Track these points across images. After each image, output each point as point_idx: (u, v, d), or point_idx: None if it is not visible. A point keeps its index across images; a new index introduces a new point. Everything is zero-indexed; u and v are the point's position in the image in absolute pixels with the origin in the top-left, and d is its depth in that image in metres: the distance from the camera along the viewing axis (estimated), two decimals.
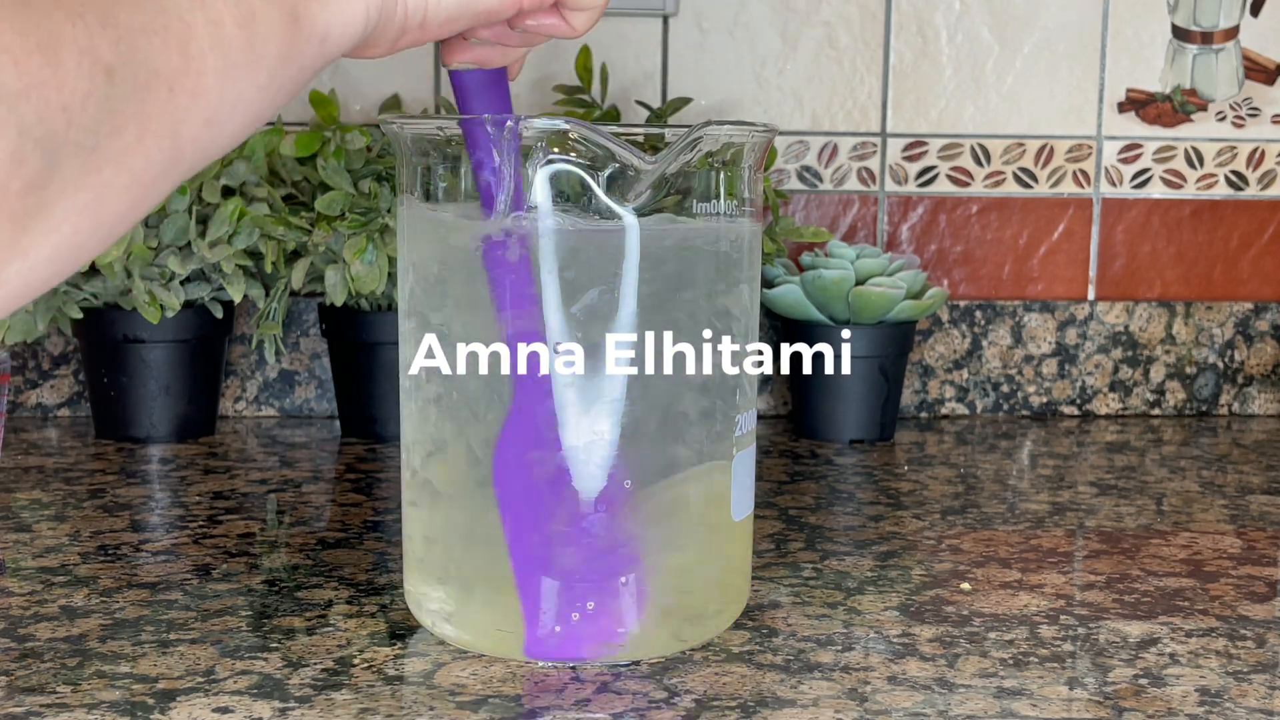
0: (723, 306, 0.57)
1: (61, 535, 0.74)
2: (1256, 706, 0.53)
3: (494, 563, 0.55)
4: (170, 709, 0.51)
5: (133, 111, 0.35)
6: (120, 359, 0.97)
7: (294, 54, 0.41)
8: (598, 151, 0.52)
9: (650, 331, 0.54)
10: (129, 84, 0.35)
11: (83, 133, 0.34)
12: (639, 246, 0.53)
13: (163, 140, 0.37)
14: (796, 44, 1.10)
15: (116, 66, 0.35)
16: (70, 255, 0.36)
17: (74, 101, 0.34)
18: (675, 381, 0.55)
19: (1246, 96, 1.14)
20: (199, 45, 0.37)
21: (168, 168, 0.38)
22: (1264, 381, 1.16)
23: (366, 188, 0.94)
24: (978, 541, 0.75)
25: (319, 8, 0.42)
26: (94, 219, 0.36)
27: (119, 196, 0.36)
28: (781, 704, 0.52)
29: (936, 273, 1.13)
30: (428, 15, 0.47)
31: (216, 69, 0.38)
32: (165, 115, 0.36)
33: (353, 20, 0.43)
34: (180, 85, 0.37)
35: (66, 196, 0.34)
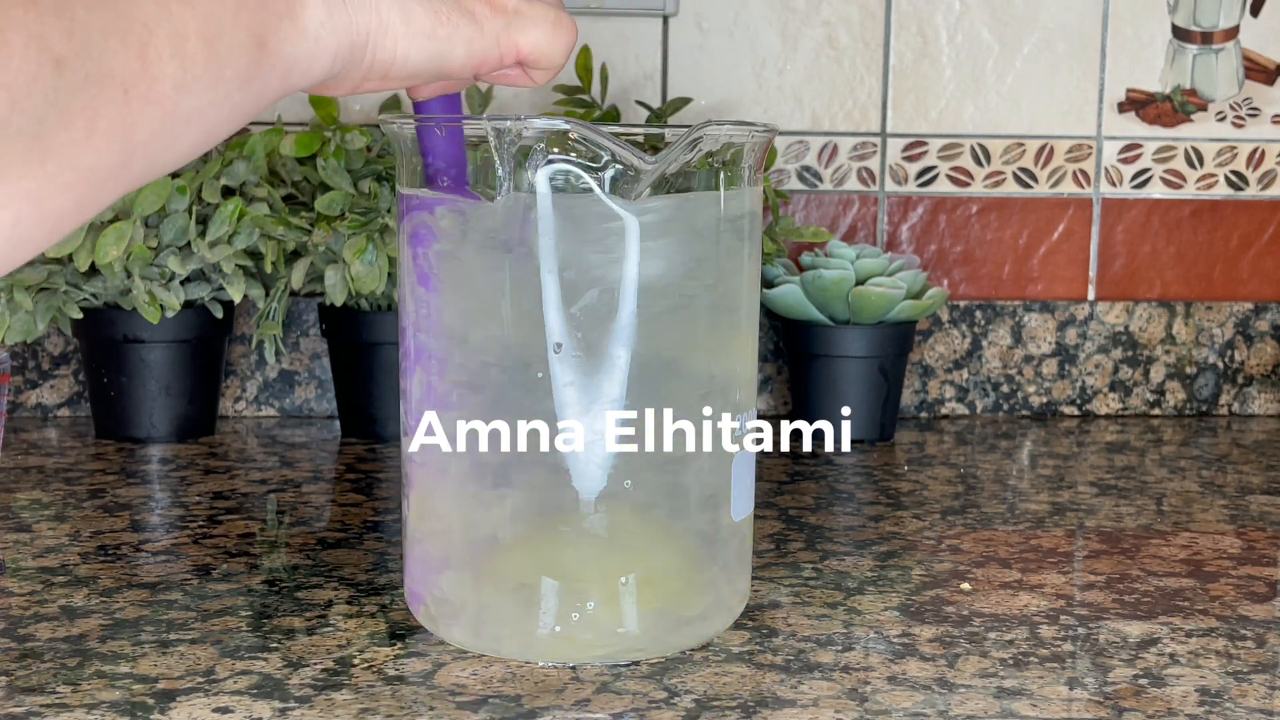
0: (722, 304, 0.57)
1: (61, 535, 0.74)
2: (1256, 706, 0.53)
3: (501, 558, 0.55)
4: (170, 709, 0.51)
5: (82, 107, 0.35)
6: (120, 359, 0.97)
7: (255, 79, 0.41)
8: (598, 151, 0.52)
9: (650, 330, 0.54)
10: (79, 78, 0.35)
11: (26, 118, 0.34)
12: (639, 247, 0.53)
13: (113, 142, 0.37)
14: (796, 44, 1.10)
15: (68, 59, 0.35)
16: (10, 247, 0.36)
17: (18, 84, 0.33)
18: (675, 381, 0.55)
19: (1246, 96, 1.14)
20: (158, 52, 0.37)
21: (117, 170, 0.37)
22: (1264, 381, 1.16)
23: (366, 188, 0.94)
24: (978, 541, 0.75)
25: (288, 41, 0.42)
26: (37, 211, 0.35)
27: (64, 192, 0.36)
28: (781, 704, 0.52)
29: (936, 273, 1.13)
30: (392, 70, 0.47)
31: (175, 79, 0.38)
32: (117, 117, 0.36)
33: (319, 59, 0.44)
34: (135, 89, 0.37)
35: (7, 182, 0.34)
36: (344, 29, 0.44)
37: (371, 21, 0.45)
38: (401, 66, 0.47)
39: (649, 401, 0.54)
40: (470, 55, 0.49)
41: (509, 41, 0.50)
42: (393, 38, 0.46)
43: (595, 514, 0.54)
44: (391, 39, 0.46)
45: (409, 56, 0.47)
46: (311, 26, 0.43)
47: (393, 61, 0.47)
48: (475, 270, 0.54)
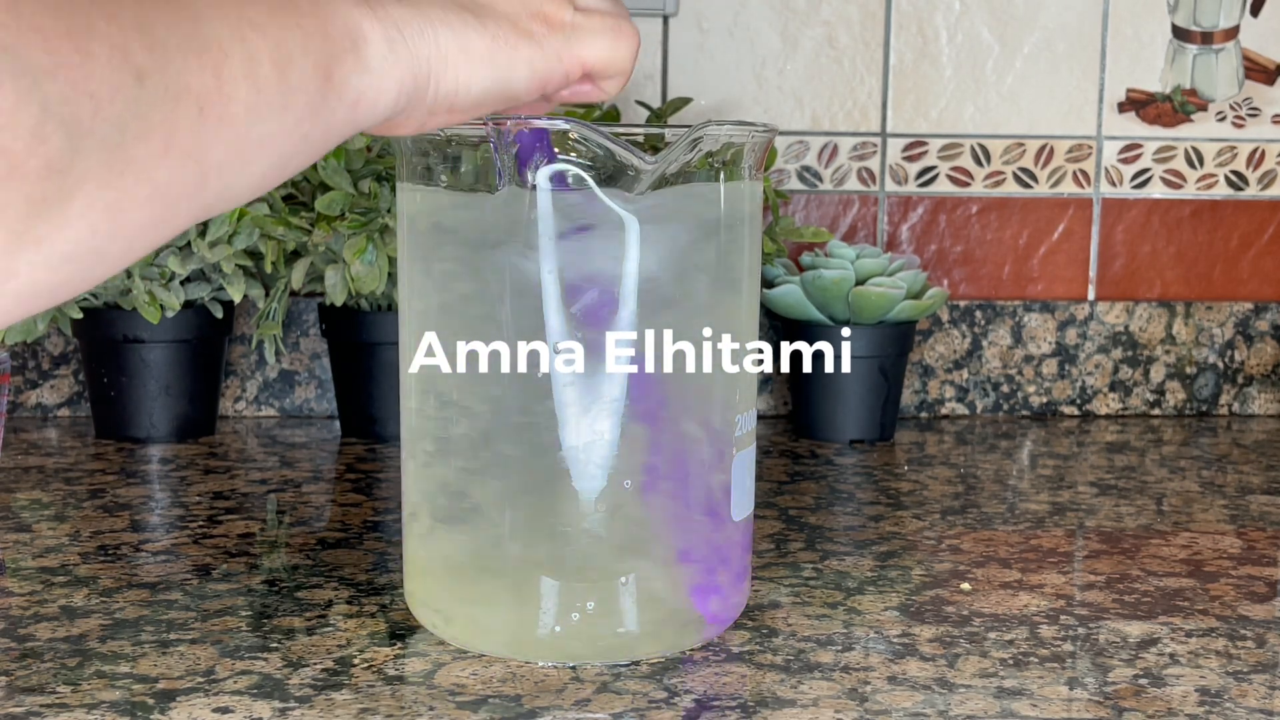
0: (721, 304, 0.57)
1: (61, 535, 0.74)
2: (1256, 706, 0.53)
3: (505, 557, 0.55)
4: (170, 709, 0.51)
5: (160, 121, 0.35)
6: (120, 359, 0.97)
7: (323, 110, 0.42)
8: (598, 151, 0.52)
9: (650, 330, 0.54)
10: (159, 92, 0.35)
11: (108, 126, 0.34)
12: (639, 246, 0.53)
13: (188, 159, 0.37)
14: (796, 44, 1.10)
15: (148, 71, 0.35)
16: (87, 259, 0.36)
17: (102, 91, 0.34)
18: (675, 380, 0.55)
19: (1246, 96, 1.14)
20: (232, 73, 0.38)
21: (191, 190, 0.38)
22: (1264, 381, 1.16)
23: (366, 188, 0.94)
24: (978, 541, 0.75)
25: (353, 74, 0.43)
26: (113, 223, 0.36)
27: (140, 207, 0.36)
28: (781, 704, 0.52)
29: (936, 273, 1.13)
30: (457, 99, 0.47)
31: (247, 102, 0.38)
32: (192, 134, 0.37)
33: (384, 94, 0.44)
34: (210, 108, 0.37)
35: (87, 190, 0.34)
36: (405, 61, 0.45)
37: (432, 53, 0.46)
38: (465, 95, 0.47)
39: (648, 401, 0.54)
40: (534, 75, 0.49)
41: (571, 56, 0.50)
42: (453, 66, 0.46)
43: (595, 514, 0.54)
44: (452, 68, 0.46)
45: (471, 84, 0.47)
46: (374, 60, 0.43)
47: (456, 91, 0.47)
48: (475, 270, 0.54)
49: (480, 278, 0.54)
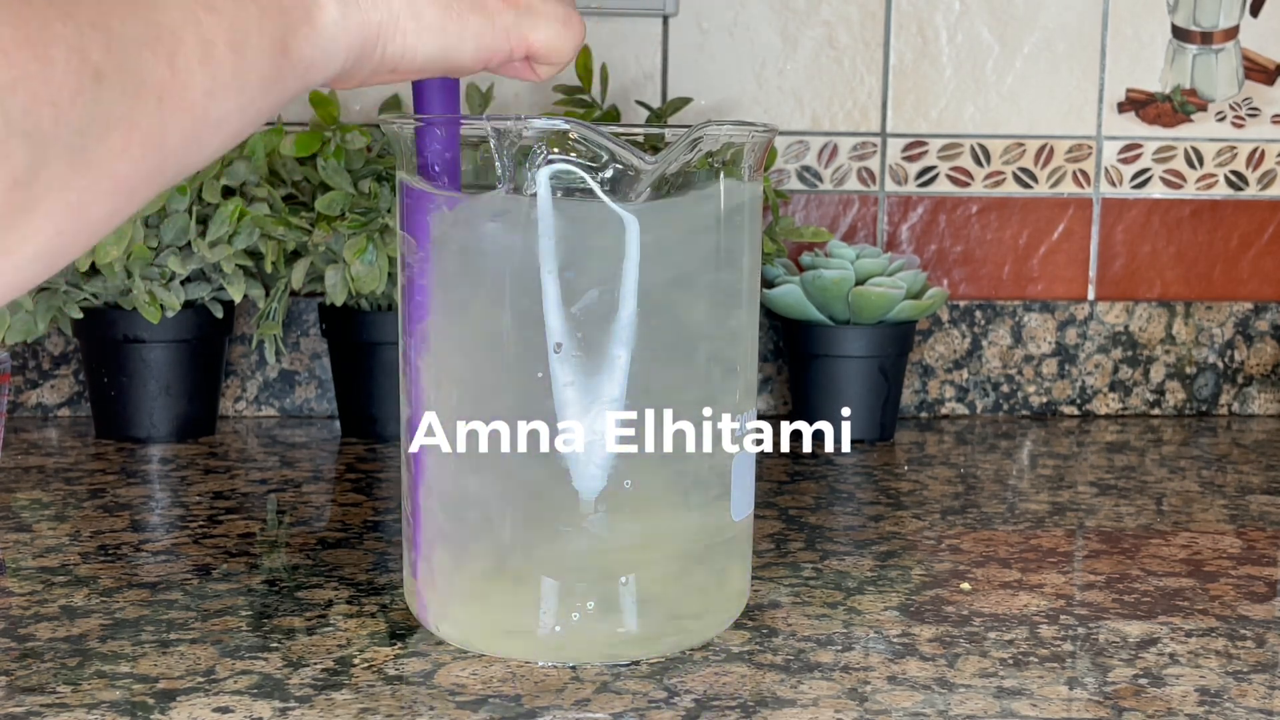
0: (721, 304, 0.57)
1: (61, 535, 0.74)
2: (1256, 706, 0.53)
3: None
4: (170, 709, 0.51)
5: (120, 117, 0.36)
6: (120, 359, 0.97)
7: (277, 81, 0.42)
8: (598, 151, 0.52)
9: (650, 330, 0.54)
10: (118, 89, 0.35)
11: (70, 131, 0.34)
12: (639, 247, 0.53)
13: (149, 150, 0.37)
14: (796, 44, 1.10)
15: (106, 70, 0.35)
16: (52, 256, 0.36)
17: (62, 98, 0.34)
18: (675, 379, 0.55)
19: (1246, 96, 1.14)
20: (187, 61, 0.38)
21: (150, 177, 0.38)
22: (1264, 381, 1.16)
23: (366, 188, 0.94)
24: (978, 541, 0.75)
25: (306, 42, 0.43)
26: (77, 221, 0.36)
27: (102, 201, 0.36)
28: (781, 704, 0.52)
29: (936, 273, 1.13)
30: (401, 64, 0.48)
31: (204, 87, 0.39)
32: (152, 125, 0.37)
33: (334, 57, 0.45)
34: (168, 97, 0.37)
35: (52, 196, 0.34)
36: (356, 26, 0.45)
37: (383, 18, 0.46)
38: (410, 61, 0.48)
39: (649, 402, 0.54)
40: (479, 50, 0.50)
41: (519, 36, 0.51)
42: (402, 32, 0.47)
43: (595, 514, 0.54)
44: (401, 34, 0.47)
45: (417, 51, 0.48)
46: (328, 27, 0.44)
47: (401, 56, 0.48)
48: (475, 269, 0.54)
49: (480, 279, 0.54)
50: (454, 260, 0.55)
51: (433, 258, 0.55)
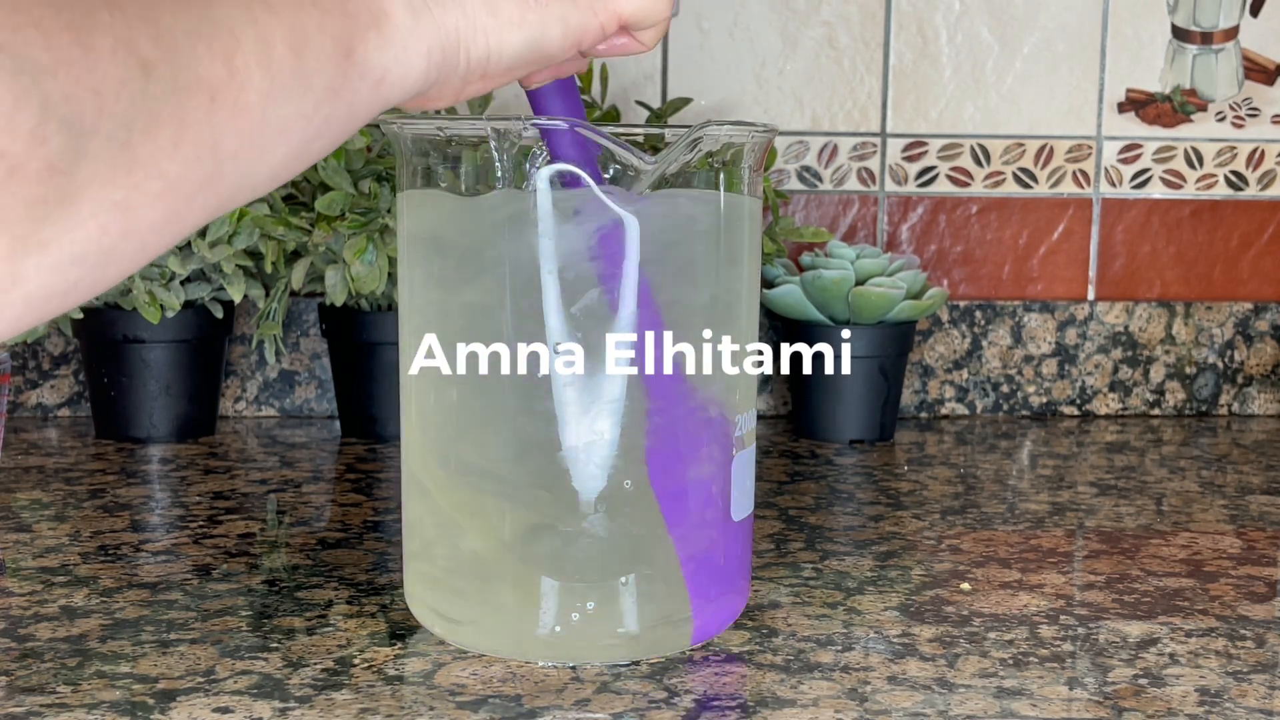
0: (721, 304, 0.57)
1: (61, 535, 0.74)
2: (1256, 706, 0.53)
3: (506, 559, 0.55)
4: (170, 709, 0.51)
5: (170, 113, 0.34)
6: (120, 359, 0.97)
7: (344, 89, 0.40)
8: (598, 153, 0.52)
9: (649, 330, 0.54)
10: (167, 83, 0.34)
11: (114, 123, 0.33)
12: (639, 247, 0.53)
13: (202, 151, 0.35)
14: (796, 44, 1.10)
15: (155, 63, 0.34)
16: (98, 260, 0.34)
17: (106, 87, 0.32)
18: (675, 381, 0.55)
19: (1246, 96, 1.14)
20: (245, 60, 0.36)
21: (206, 183, 0.36)
22: (1264, 381, 1.16)
23: (366, 188, 0.94)
24: (978, 541, 0.75)
25: (376, 49, 0.41)
26: (124, 223, 0.34)
27: (152, 204, 0.35)
28: (781, 704, 0.52)
29: (936, 273, 1.13)
30: (490, 65, 0.46)
31: (261, 88, 0.37)
32: (205, 125, 0.35)
33: (412, 68, 0.42)
34: (222, 97, 0.35)
35: (95, 190, 0.33)
36: (431, 33, 0.43)
37: (459, 21, 0.44)
38: (498, 61, 0.46)
39: (648, 400, 0.54)
40: (568, 33, 0.47)
41: (606, 9, 0.48)
42: (483, 32, 0.45)
43: (595, 514, 0.54)
44: (482, 34, 0.45)
45: (503, 49, 0.45)
46: (398, 34, 0.41)
47: (488, 58, 0.45)
48: (475, 270, 0.54)
49: (480, 279, 0.54)
50: (454, 260, 0.55)
51: (433, 260, 0.55)
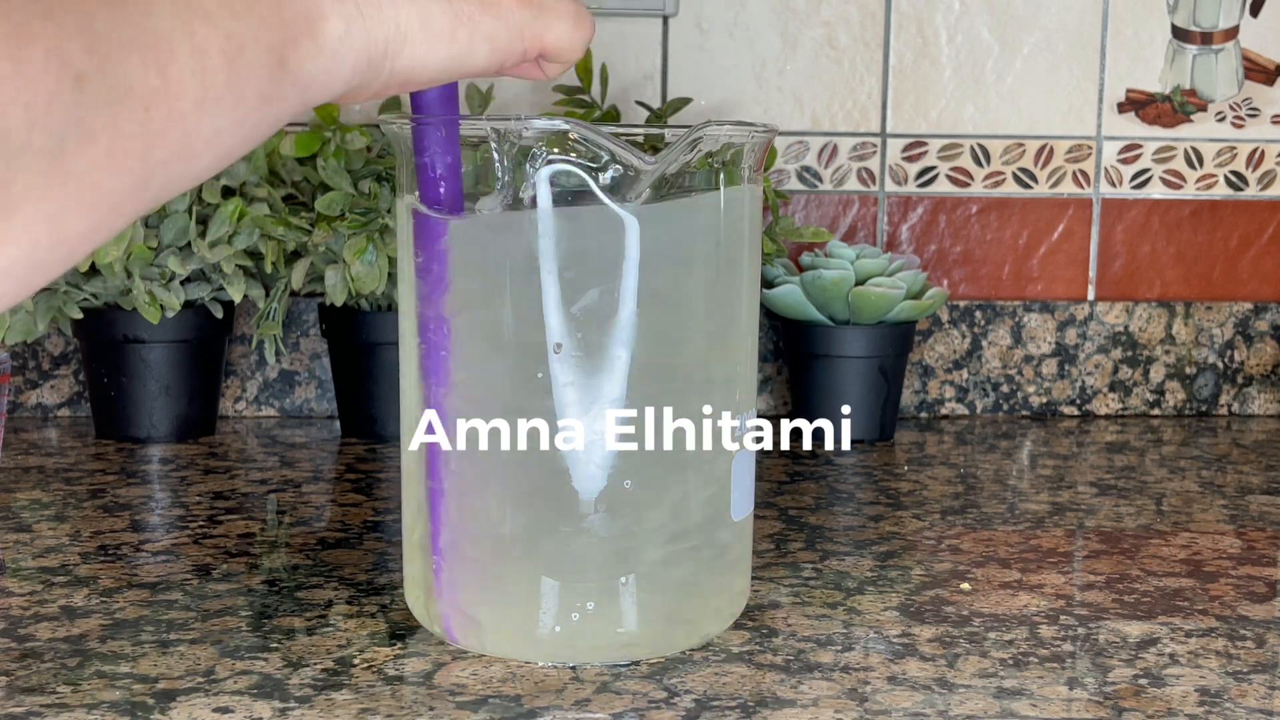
0: (722, 304, 0.57)
1: (61, 535, 0.74)
2: (1256, 706, 0.53)
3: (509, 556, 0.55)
4: (170, 709, 0.51)
5: (102, 126, 0.34)
6: (120, 359, 0.97)
7: (275, 97, 0.40)
8: (598, 152, 0.52)
9: (650, 330, 0.54)
10: (100, 96, 0.33)
11: (46, 137, 0.32)
12: (639, 247, 0.53)
13: (133, 162, 0.35)
14: (796, 44, 1.10)
15: (88, 74, 0.33)
16: (25, 271, 0.34)
17: (37, 100, 0.32)
18: (675, 380, 0.55)
19: (1246, 97, 1.14)
20: (180, 70, 0.36)
21: (135, 191, 0.36)
22: (1264, 381, 1.16)
23: (366, 188, 0.94)
24: (978, 541, 0.75)
25: (308, 58, 0.41)
26: (55, 234, 0.34)
27: (83, 214, 0.34)
28: (781, 704, 0.52)
29: (936, 273, 1.13)
30: (412, 76, 0.46)
31: (196, 98, 0.36)
32: (138, 136, 0.35)
33: (338, 77, 0.42)
34: (156, 107, 0.35)
35: (27, 205, 0.32)
36: (362, 43, 0.43)
37: (390, 32, 0.44)
38: (421, 72, 0.46)
39: (649, 401, 0.54)
40: (494, 52, 0.48)
41: (533, 35, 0.49)
42: (411, 44, 0.45)
43: (595, 514, 0.54)
44: (410, 46, 0.45)
45: (428, 62, 0.46)
46: (330, 43, 0.41)
47: (411, 69, 0.45)
48: (475, 270, 0.54)
49: (480, 279, 0.54)
50: (453, 260, 0.55)
51: (434, 260, 0.55)
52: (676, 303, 0.55)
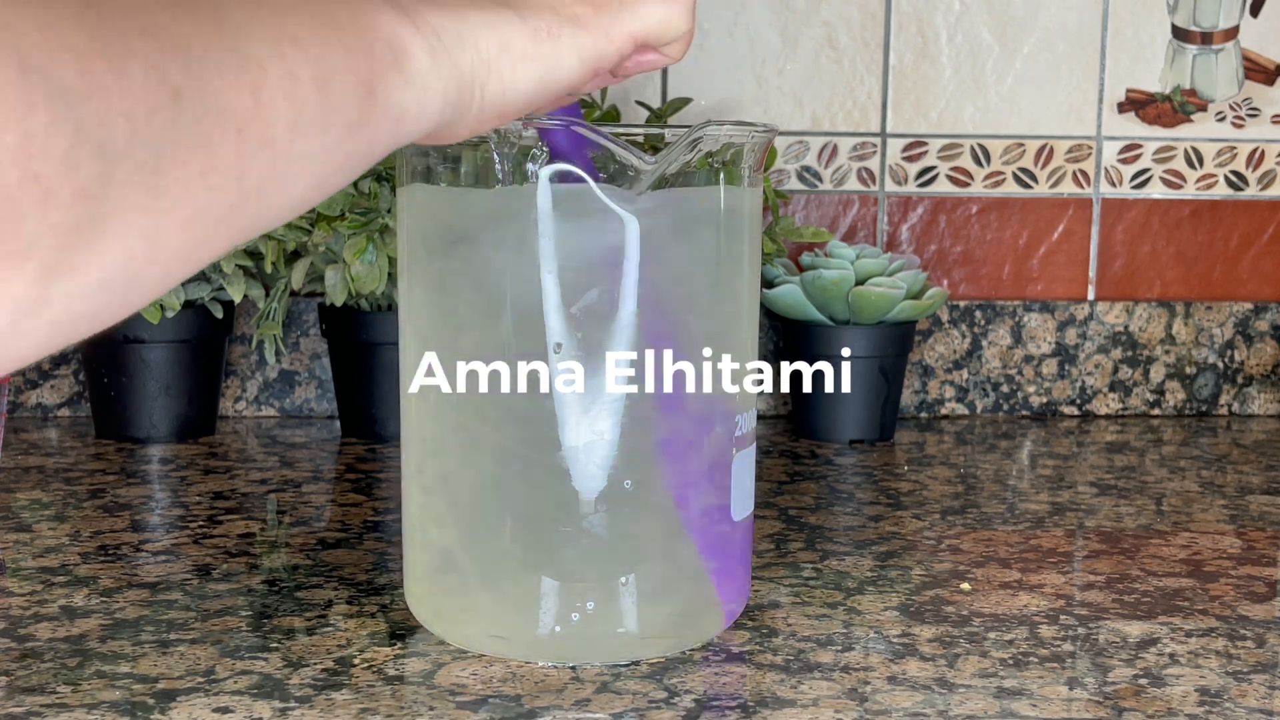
0: (722, 304, 0.57)
1: (61, 535, 0.74)
2: (1256, 706, 0.53)
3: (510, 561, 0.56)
4: (170, 709, 0.51)
5: (198, 143, 0.34)
6: (120, 359, 0.97)
7: (366, 127, 0.40)
8: (598, 152, 0.52)
9: (649, 331, 0.54)
10: (197, 113, 0.34)
11: (145, 150, 0.33)
12: (639, 246, 0.53)
13: (227, 181, 0.35)
14: (796, 44, 1.10)
15: (185, 91, 0.34)
16: (123, 286, 0.34)
17: (138, 114, 0.32)
18: (674, 381, 0.55)
19: (1246, 97, 1.14)
20: (271, 93, 0.36)
21: (229, 214, 0.36)
22: (1264, 381, 1.16)
23: (366, 188, 0.94)
24: (978, 541, 0.75)
25: (398, 88, 0.41)
26: (150, 249, 0.34)
27: (178, 231, 0.35)
28: (781, 704, 0.52)
29: (936, 273, 1.13)
30: (506, 103, 0.46)
31: (287, 122, 0.37)
32: (231, 156, 0.35)
33: (429, 106, 0.43)
34: (249, 129, 0.36)
35: (123, 216, 0.33)
36: (449, 73, 0.43)
37: (474, 60, 0.44)
38: (514, 96, 0.46)
39: (648, 402, 0.54)
40: (583, 62, 0.48)
41: (621, 33, 0.49)
42: (497, 70, 0.45)
43: (595, 514, 0.54)
44: (496, 71, 0.45)
45: (518, 84, 0.46)
46: (418, 74, 0.42)
47: (504, 94, 0.46)
48: (475, 270, 0.54)
49: (480, 279, 0.54)
50: (453, 260, 0.55)
51: (434, 260, 0.55)
52: (676, 302, 0.55)
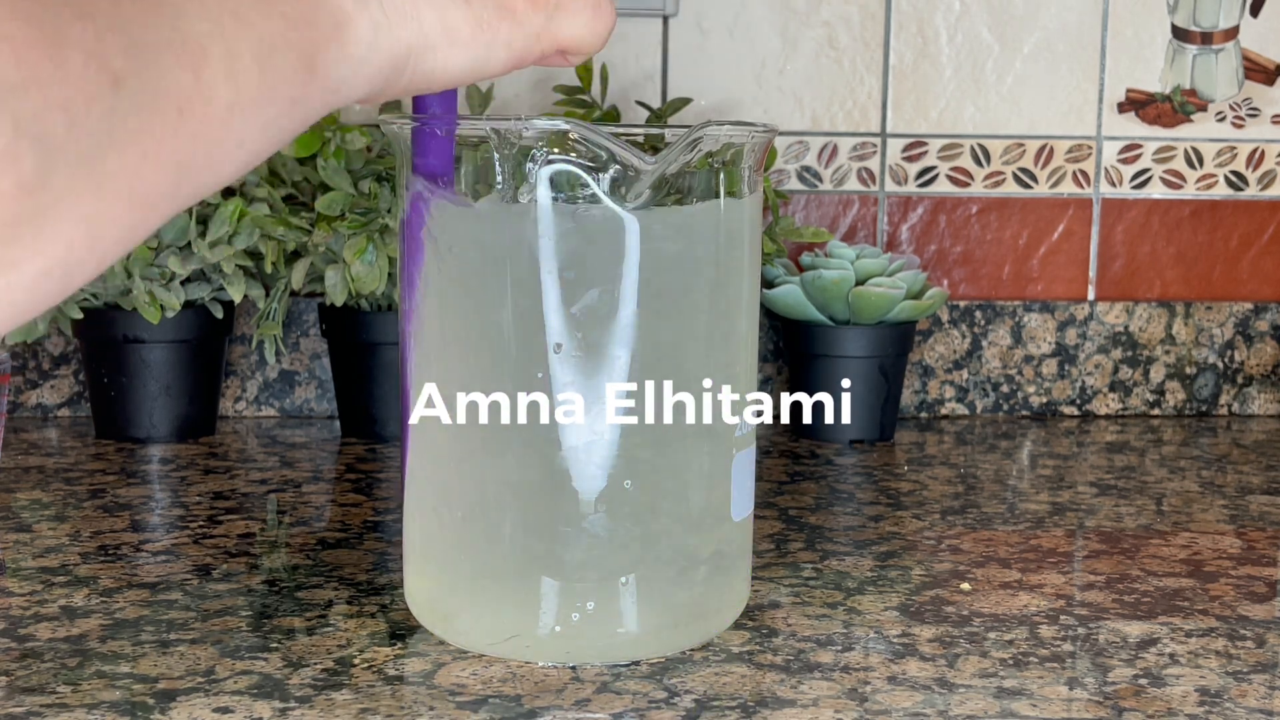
0: (721, 305, 0.57)
1: (61, 535, 0.74)
2: (1256, 706, 0.53)
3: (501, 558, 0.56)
4: (170, 709, 0.51)
5: (138, 129, 0.34)
6: (120, 359, 0.97)
7: (303, 100, 0.40)
8: (598, 152, 0.52)
9: (650, 330, 0.54)
10: (136, 98, 0.33)
11: (85, 139, 0.32)
12: (639, 247, 0.53)
13: (167, 165, 0.35)
14: (796, 44, 1.10)
15: (125, 76, 0.33)
16: (61, 276, 0.34)
17: (77, 104, 0.32)
18: (675, 380, 0.55)
19: (1246, 97, 1.14)
20: (213, 73, 0.36)
21: (167, 195, 0.36)
22: (1264, 381, 1.16)
23: (366, 188, 0.94)
24: (978, 541, 0.75)
25: (335, 62, 0.41)
26: (90, 238, 0.34)
27: (117, 218, 0.34)
28: (781, 704, 0.52)
29: (936, 273, 1.13)
30: (433, 80, 0.47)
31: (227, 100, 0.36)
32: (171, 139, 0.35)
33: (364, 80, 0.43)
34: (190, 109, 0.35)
35: (63, 208, 0.32)
36: (388, 48, 0.43)
37: (414, 38, 0.44)
38: (443, 76, 0.47)
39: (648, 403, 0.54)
40: (511, 55, 0.49)
41: (549, 37, 0.50)
42: (434, 50, 0.45)
43: (595, 514, 0.54)
44: (433, 52, 0.45)
45: (449, 68, 0.47)
46: (358, 48, 0.42)
47: (433, 73, 0.46)
48: (475, 270, 0.54)
49: (480, 279, 0.54)
50: (454, 261, 0.55)
51: (432, 258, 0.55)
52: (676, 302, 0.55)
